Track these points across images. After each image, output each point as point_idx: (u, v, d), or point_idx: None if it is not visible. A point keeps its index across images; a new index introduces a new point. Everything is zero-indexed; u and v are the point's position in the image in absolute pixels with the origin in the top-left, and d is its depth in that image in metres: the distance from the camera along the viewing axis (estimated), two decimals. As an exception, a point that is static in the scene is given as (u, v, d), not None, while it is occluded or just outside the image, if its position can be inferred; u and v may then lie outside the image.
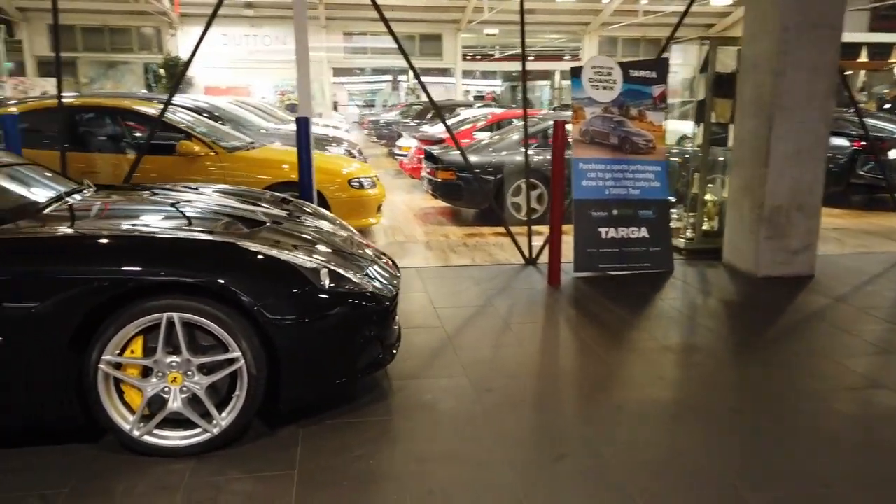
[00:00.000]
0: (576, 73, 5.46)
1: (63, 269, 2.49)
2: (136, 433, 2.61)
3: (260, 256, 2.74)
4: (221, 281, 2.58)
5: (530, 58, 28.35)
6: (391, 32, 5.63)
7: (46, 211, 3.01)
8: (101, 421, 2.60)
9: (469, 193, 7.79)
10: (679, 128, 7.20)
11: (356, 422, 2.95)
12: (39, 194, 3.20)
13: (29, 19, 22.56)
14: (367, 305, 2.92)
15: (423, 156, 8.94)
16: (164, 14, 22.44)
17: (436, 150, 8.55)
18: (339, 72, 27.69)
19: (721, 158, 6.31)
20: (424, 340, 3.95)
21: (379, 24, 5.59)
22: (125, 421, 2.60)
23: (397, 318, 3.41)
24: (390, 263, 3.57)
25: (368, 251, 3.57)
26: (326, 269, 2.86)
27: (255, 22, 22.96)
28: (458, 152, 6.58)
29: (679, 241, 6.22)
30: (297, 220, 3.67)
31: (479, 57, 29.38)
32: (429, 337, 4.01)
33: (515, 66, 28.69)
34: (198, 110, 8.84)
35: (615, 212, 5.52)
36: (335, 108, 27.20)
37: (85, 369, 2.53)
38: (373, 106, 29.46)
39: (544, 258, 5.38)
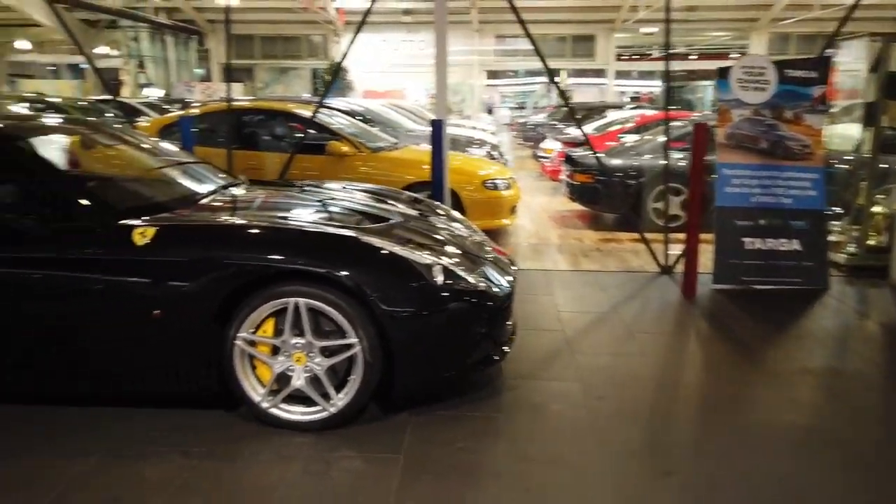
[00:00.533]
0: (723, 74, 5.15)
1: (211, 253, 2.80)
2: (264, 405, 2.88)
3: (378, 251, 2.91)
4: (344, 272, 2.77)
5: (692, 57, 26.95)
6: (528, 35, 5.65)
7: (203, 202, 3.40)
8: (236, 392, 2.89)
9: (607, 197, 7.61)
10: (850, 132, 6.55)
11: (464, 416, 3.04)
12: (199, 187, 3.62)
13: (216, 31, 25.15)
14: (480, 303, 3.00)
15: (564, 158, 8.86)
16: (330, 23, 24.03)
17: (576, 152, 8.44)
18: (493, 74, 28.06)
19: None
20: (542, 343, 3.95)
21: (532, 27, 5.63)
22: (256, 393, 2.88)
23: (512, 318, 3.46)
24: (508, 264, 3.61)
25: (489, 251, 3.64)
26: (441, 266, 2.97)
27: (412, 27, 23.88)
28: (601, 155, 6.46)
29: (839, 257, 5.67)
30: (426, 219, 3.82)
31: (635, 57, 28.43)
32: (547, 340, 4.00)
33: (675, 65, 27.44)
34: (351, 113, 9.39)
35: (762, 221, 5.14)
36: (490, 112, 27.64)
37: (224, 344, 2.83)
38: (524, 108, 29.56)
39: (681, 268, 5.15)
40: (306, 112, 7.17)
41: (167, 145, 4.40)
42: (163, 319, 2.79)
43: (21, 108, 12.83)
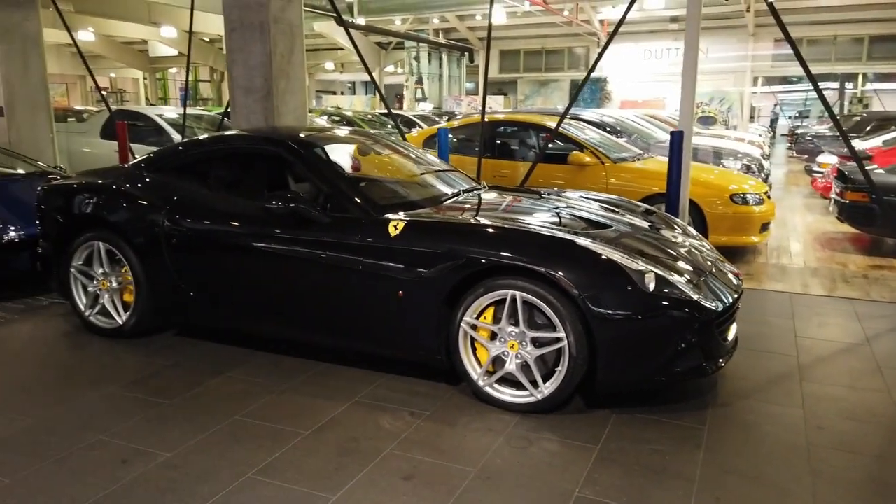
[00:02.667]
0: None
1: (446, 246, 3.26)
2: (480, 383, 3.26)
3: (593, 255, 3.11)
4: (559, 272, 3.03)
5: None
6: (788, 37, 5.30)
7: (447, 202, 3.91)
8: (458, 368, 3.32)
9: (884, 219, 6.70)
10: None
11: (667, 421, 3.09)
12: (447, 190, 4.16)
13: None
14: (691, 314, 3.03)
15: (836, 174, 7.98)
16: (593, 35, 24.24)
17: (849, 166, 7.55)
18: (770, 80, 25.79)
19: None
20: (769, 365, 3.77)
21: (817, 28, 5.32)
22: (474, 372, 3.28)
23: (733, 333, 3.40)
24: (733, 280, 3.54)
25: (715, 265, 3.60)
26: (653, 274, 3.07)
27: (679, 35, 22.96)
28: (881, 172, 5.76)
29: None
30: (655, 231, 3.89)
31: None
32: (776, 363, 3.80)
33: None
34: (601, 124, 9.54)
35: None
36: (772, 123, 25.59)
37: (452, 325, 3.28)
38: (807, 117, 26.68)
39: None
40: (553, 125, 7.52)
41: (425, 154, 5.06)
42: (405, 299, 3.33)
43: (322, 120, 15.24)
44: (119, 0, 13.95)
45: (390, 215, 3.51)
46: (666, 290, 3.05)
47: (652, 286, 3.03)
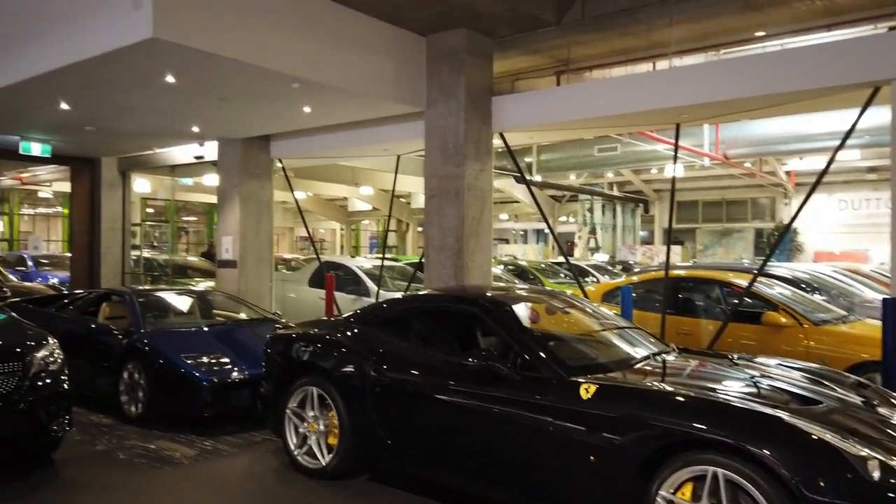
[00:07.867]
0: None
1: (641, 413, 3.24)
2: (678, 566, 3.06)
3: (804, 434, 2.91)
4: (765, 451, 2.87)
5: None
6: None
7: (637, 366, 3.91)
8: (652, 545, 3.16)
9: None
10: None
11: None
12: (634, 352, 4.17)
13: (661, 198, 27.00)
14: (929, 511, 2.69)
15: None
16: (779, 186, 23.40)
17: None
18: None
19: None
20: None
21: None
22: (671, 552, 3.09)
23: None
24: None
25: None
26: (877, 461, 2.80)
27: (878, 185, 21.48)
28: None
29: None
30: (872, 409, 3.57)
31: None
32: None
33: None
34: (795, 280, 9.01)
35: None
36: None
37: (646, 497, 3.17)
38: None
39: None
40: (742, 281, 7.26)
41: (609, 312, 5.14)
42: (597, 464, 3.30)
43: (499, 270, 15.92)
44: (329, 167, 16.14)
45: (580, 378, 3.58)
46: (893, 481, 2.75)
47: (877, 475, 2.76)
